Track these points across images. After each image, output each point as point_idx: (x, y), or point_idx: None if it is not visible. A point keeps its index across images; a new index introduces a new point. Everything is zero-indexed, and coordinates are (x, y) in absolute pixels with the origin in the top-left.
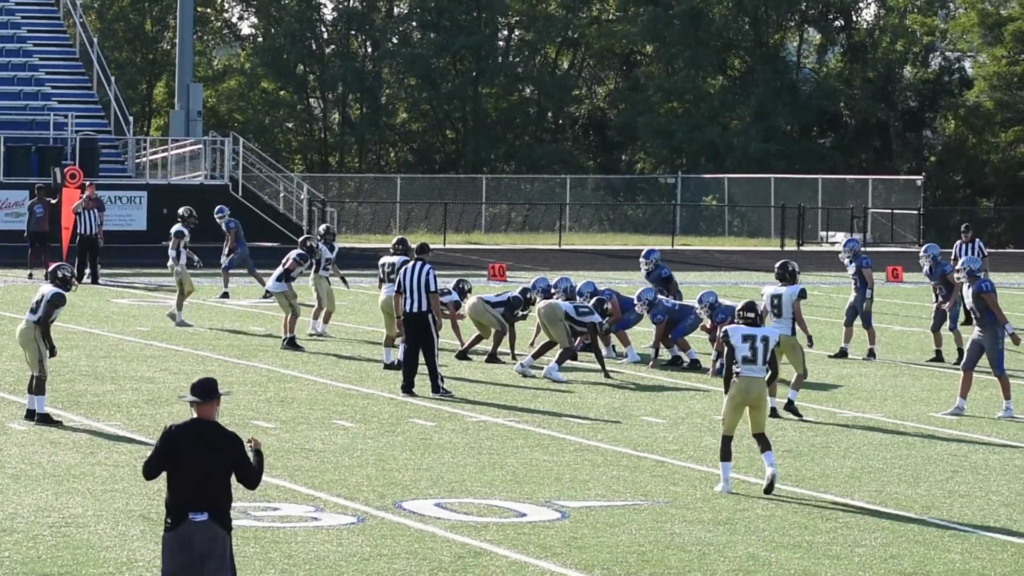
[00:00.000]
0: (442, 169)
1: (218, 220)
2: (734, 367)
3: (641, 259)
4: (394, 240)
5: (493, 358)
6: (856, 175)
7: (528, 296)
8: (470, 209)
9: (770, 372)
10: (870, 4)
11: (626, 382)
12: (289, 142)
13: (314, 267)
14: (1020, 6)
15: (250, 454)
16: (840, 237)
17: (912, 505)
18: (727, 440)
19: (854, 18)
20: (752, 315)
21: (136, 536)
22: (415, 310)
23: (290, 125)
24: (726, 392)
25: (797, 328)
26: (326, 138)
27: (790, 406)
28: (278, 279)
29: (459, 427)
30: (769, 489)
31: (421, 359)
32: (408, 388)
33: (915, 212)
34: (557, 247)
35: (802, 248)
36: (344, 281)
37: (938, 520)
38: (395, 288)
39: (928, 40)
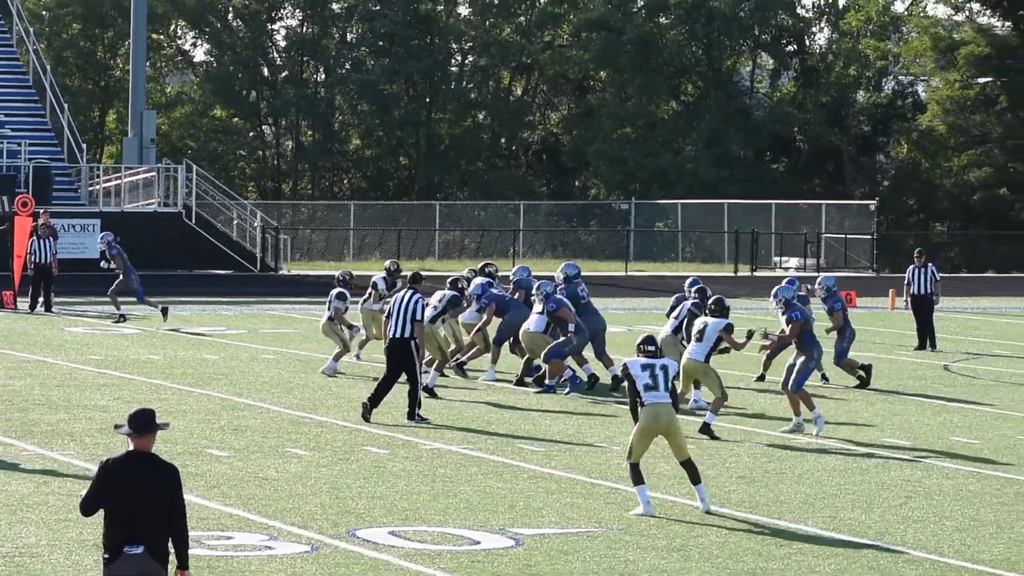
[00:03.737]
0: (395, 195)
1: (101, 246)
2: (637, 398)
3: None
4: (480, 265)
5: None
6: (809, 200)
7: (460, 287)
8: (424, 235)
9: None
10: (823, 29)
11: (578, 409)
12: (242, 169)
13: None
14: (972, 30)
15: None
16: (794, 263)
17: (866, 531)
18: (634, 467)
19: (807, 43)
20: (652, 348)
21: (90, 566)
22: (399, 336)
23: (243, 152)
24: (635, 422)
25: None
26: (279, 165)
27: (705, 428)
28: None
29: (413, 455)
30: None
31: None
32: (367, 411)
33: (868, 237)
34: (511, 273)
35: (756, 273)
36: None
37: (892, 546)
38: (385, 314)
39: (881, 64)
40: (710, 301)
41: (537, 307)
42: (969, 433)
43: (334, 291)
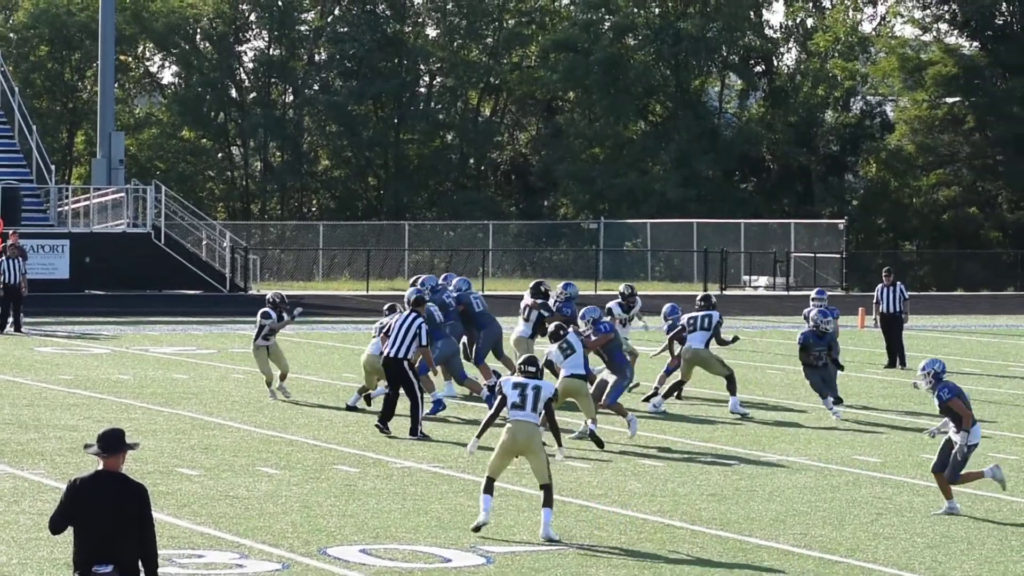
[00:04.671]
0: (364, 216)
1: None
2: (496, 416)
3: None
4: (532, 285)
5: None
6: (778, 220)
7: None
8: (393, 256)
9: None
10: (791, 49)
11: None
12: (211, 190)
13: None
14: (940, 51)
15: None
16: (763, 282)
17: (837, 548)
18: (489, 480)
19: (775, 63)
20: (532, 368)
21: None
22: (393, 355)
23: (211, 173)
24: (477, 436)
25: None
26: (248, 186)
27: (592, 435)
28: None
29: (384, 473)
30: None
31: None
32: (384, 429)
33: (837, 256)
34: (480, 293)
35: (725, 292)
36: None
37: (864, 563)
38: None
39: (849, 84)
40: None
41: (583, 329)
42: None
43: (261, 311)
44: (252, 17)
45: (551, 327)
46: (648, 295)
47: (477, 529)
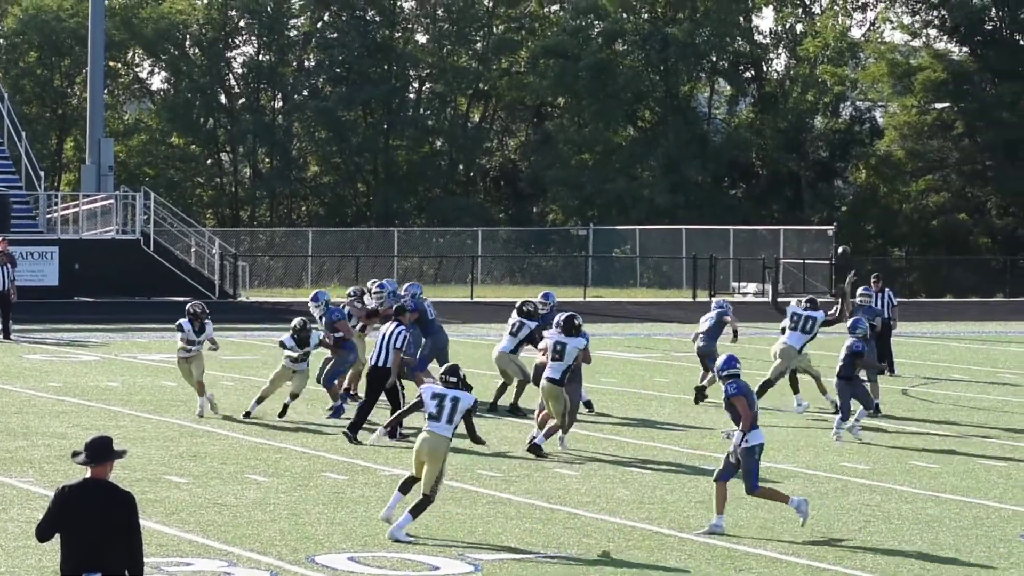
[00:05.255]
0: (353, 222)
1: None
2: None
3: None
4: (518, 305)
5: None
6: (767, 226)
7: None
8: (382, 262)
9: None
10: (781, 55)
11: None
12: (200, 197)
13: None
14: (929, 56)
15: None
16: (752, 288)
17: (825, 556)
18: (408, 479)
19: (765, 69)
20: (453, 379)
21: None
22: (378, 364)
23: (200, 180)
24: (384, 427)
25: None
26: (237, 192)
27: (534, 448)
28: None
29: (372, 481)
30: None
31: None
32: (352, 439)
33: (827, 262)
34: (469, 299)
35: (714, 299)
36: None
37: (852, 570)
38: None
39: (839, 90)
40: (563, 319)
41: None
42: (928, 457)
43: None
44: (241, 23)
45: (565, 317)
46: (637, 302)
47: (387, 520)
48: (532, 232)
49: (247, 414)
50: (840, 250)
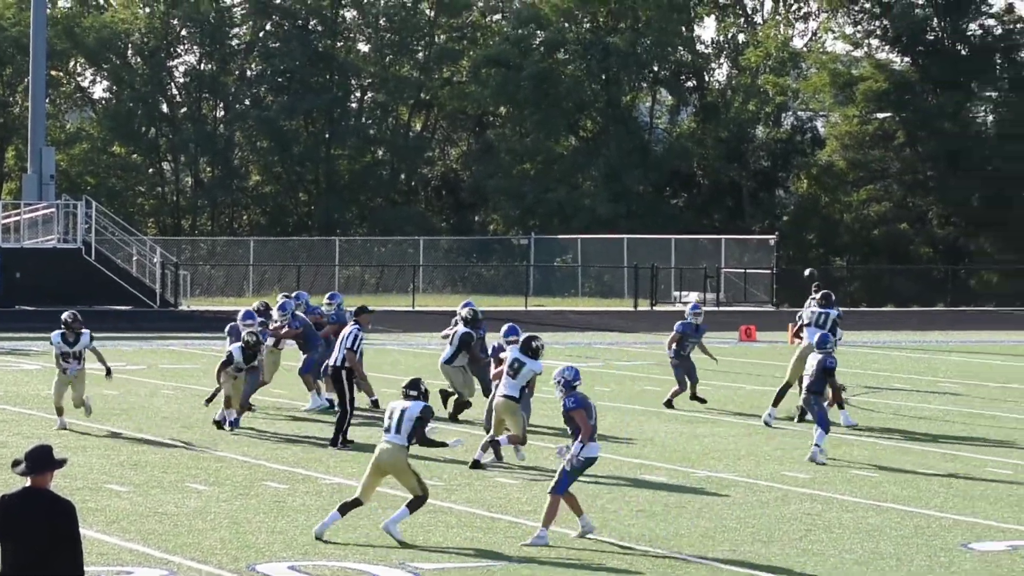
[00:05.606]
0: (295, 231)
1: None
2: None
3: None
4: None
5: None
6: (709, 235)
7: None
8: (323, 271)
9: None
10: (722, 64)
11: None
12: (142, 206)
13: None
14: (871, 66)
15: None
16: (693, 297)
17: (767, 564)
18: (355, 500)
19: (706, 79)
20: (414, 392)
21: None
22: (335, 364)
23: (142, 189)
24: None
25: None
26: (178, 201)
27: (475, 465)
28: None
29: (313, 490)
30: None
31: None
32: (343, 439)
33: (768, 272)
34: (411, 309)
35: (655, 308)
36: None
37: None
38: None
39: (780, 100)
40: (523, 339)
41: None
42: (869, 466)
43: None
44: (183, 32)
45: (525, 338)
46: (579, 311)
47: (319, 537)
48: (474, 241)
49: (233, 425)
50: (807, 272)
